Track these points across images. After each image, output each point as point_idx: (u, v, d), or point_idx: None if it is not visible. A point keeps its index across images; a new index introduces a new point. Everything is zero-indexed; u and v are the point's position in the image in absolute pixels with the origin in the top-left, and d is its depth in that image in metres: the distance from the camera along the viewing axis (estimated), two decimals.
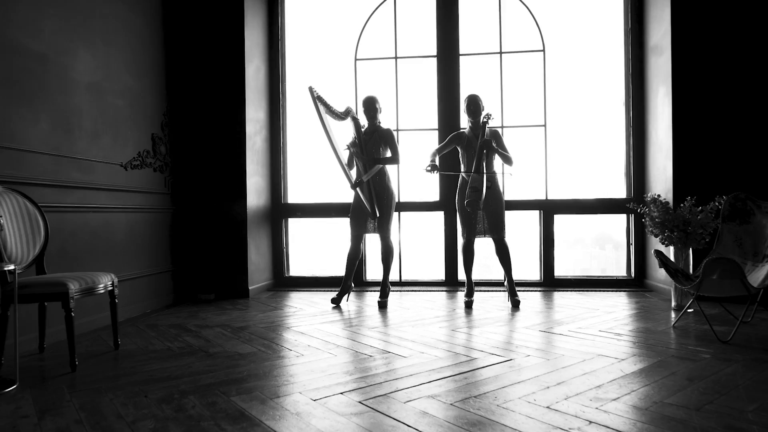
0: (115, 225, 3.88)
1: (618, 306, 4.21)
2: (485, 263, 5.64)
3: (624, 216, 5.29)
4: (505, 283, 4.32)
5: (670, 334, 3.26)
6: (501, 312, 4.04)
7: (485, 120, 4.19)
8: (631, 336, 3.21)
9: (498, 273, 5.54)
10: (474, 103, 4.25)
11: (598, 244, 6.37)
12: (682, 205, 3.94)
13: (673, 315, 3.83)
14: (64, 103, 3.43)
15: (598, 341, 3.09)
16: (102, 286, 2.91)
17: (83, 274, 2.85)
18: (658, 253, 3.50)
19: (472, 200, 4.01)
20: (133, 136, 4.11)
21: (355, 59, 5.50)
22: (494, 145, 4.15)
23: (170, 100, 4.61)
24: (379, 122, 4.49)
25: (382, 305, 4.32)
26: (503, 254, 4.24)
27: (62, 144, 3.41)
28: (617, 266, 5.64)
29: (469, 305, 4.26)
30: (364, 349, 3.00)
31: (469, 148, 4.26)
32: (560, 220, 5.29)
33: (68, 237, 3.42)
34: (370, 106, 4.41)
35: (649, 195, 4.17)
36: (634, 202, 4.47)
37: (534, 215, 5.34)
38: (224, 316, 4.01)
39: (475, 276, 4.72)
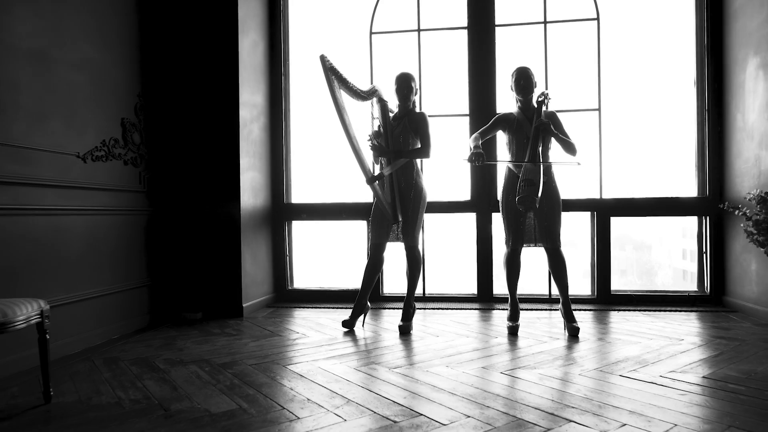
0: (69, 231, 3.07)
1: (705, 334, 3.31)
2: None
3: (695, 219, 4.38)
4: (560, 304, 3.44)
5: None
6: (556, 342, 3.17)
7: (541, 100, 3.31)
8: (757, 389, 2.31)
9: (537, 285, 4.69)
10: (525, 77, 3.37)
11: (618, 245, 5.44)
12: None
13: None
14: None
15: (712, 397, 2.21)
16: (22, 318, 2.10)
17: None
18: None
19: (526, 196, 3.12)
20: (95, 120, 3.31)
21: (371, 33, 4.65)
22: (553, 128, 3.27)
23: (146, 78, 3.80)
24: (413, 106, 3.65)
25: (405, 330, 3.47)
26: (558, 268, 3.36)
27: None
28: (677, 277, 4.75)
29: (513, 331, 3.39)
30: (385, 407, 2.15)
31: (520, 133, 3.38)
32: (616, 223, 4.39)
33: None
34: (405, 84, 3.56)
35: (753, 193, 3.26)
36: (728, 203, 3.57)
37: (585, 217, 4.45)
38: (207, 346, 3.18)
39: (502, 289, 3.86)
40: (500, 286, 4.53)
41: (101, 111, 3.36)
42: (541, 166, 3.22)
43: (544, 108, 3.34)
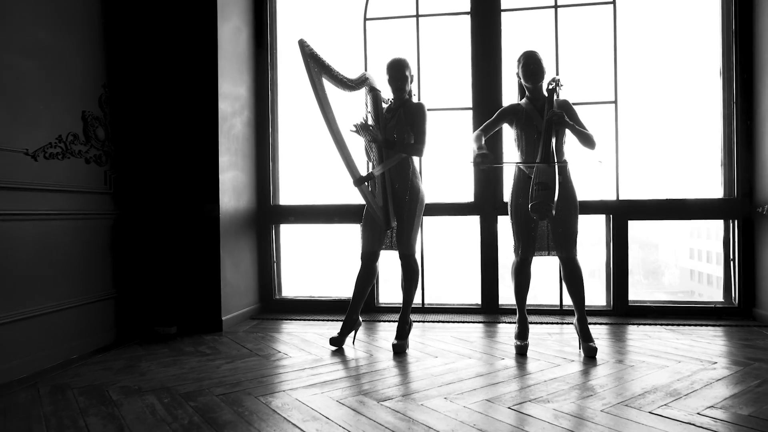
0: (15, 239, 2.70)
1: (739, 356, 2.91)
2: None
3: (720, 222, 3.98)
4: (575, 320, 3.05)
5: None
6: (570, 365, 2.78)
7: (552, 87, 2.91)
8: None
9: (546, 295, 4.30)
10: (534, 62, 2.96)
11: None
12: None
13: None
14: None
15: None
16: None
17: None
18: None
19: (539, 203, 2.71)
20: (49, 112, 2.93)
21: (365, 19, 4.26)
22: (567, 119, 2.86)
23: (112, 67, 3.42)
24: (409, 95, 3.25)
25: (399, 350, 3.08)
26: (574, 280, 2.96)
27: None
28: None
29: (521, 352, 3.00)
30: None
31: (529, 127, 2.97)
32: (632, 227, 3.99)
33: None
34: (399, 72, 3.15)
35: None
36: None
37: (599, 220, 4.05)
38: (173, 369, 2.80)
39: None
40: (506, 296, 4.14)
41: (57, 103, 2.98)
42: (556, 166, 2.80)
43: (555, 97, 2.93)
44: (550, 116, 2.83)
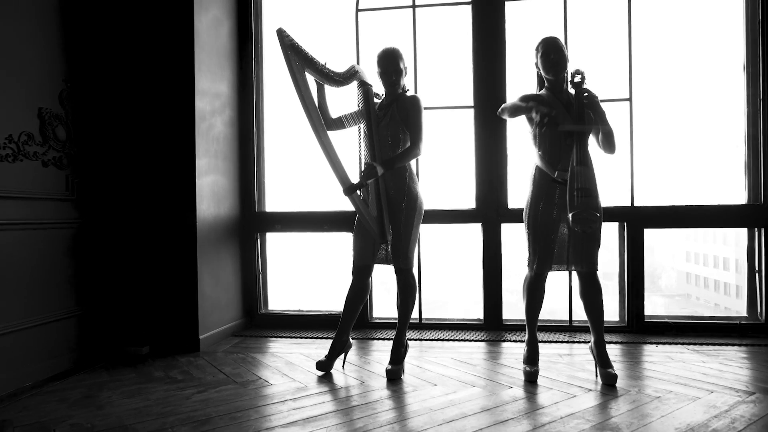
0: None
1: None
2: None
3: (744, 230, 3.66)
4: (592, 342, 2.71)
5: None
6: (588, 396, 2.45)
7: (579, 81, 2.55)
8: None
9: (553, 308, 3.97)
10: (555, 50, 2.61)
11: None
12: None
13: None
14: None
15: None
16: None
17: None
18: None
19: (583, 211, 2.39)
20: None
21: (357, 10, 3.93)
22: (593, 115, 2.53)
23: (74, 60, 3.07)
24: (403, 90, 2.90)
25: (394, 376, 2.74)
26: (594, 298, 2.62)
27: None
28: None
29: (531, 378, 2.66)
30: None
31: (552, 123, 2.61)
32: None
33: None
34: (392, 64, 2.79)
35: None
36: None
37: (612, 228, 3.72)
38: (137, 400, 2.46)
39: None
40: (510, 311, 3.82)
41: (7, 98, 2.63)
42: (594, 168, 2.48)
43: (585, 94, 2.57)
44: (579, 103, 2.49)
